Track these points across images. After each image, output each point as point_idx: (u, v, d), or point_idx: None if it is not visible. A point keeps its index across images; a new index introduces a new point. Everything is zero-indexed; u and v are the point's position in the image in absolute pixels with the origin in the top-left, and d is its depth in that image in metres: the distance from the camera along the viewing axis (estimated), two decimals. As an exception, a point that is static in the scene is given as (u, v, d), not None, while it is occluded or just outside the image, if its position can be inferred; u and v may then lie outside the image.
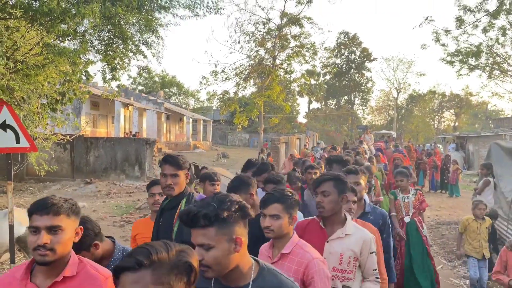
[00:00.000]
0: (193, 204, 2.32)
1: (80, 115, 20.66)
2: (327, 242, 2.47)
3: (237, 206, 1.52)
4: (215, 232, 1.47)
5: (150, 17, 8.85)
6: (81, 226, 1.90)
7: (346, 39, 50.36)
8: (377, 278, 2.56)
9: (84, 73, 8.83)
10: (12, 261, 4.99)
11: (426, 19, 13.42)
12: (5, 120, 4.85)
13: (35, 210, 1.75)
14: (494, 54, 13.81)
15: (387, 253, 3.21)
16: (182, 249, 1.24)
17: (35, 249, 1.71)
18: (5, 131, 4.86)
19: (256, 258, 1.67)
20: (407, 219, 5.17)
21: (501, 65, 14.00)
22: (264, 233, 2.24)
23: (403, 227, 5.21)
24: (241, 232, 1.54)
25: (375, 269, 2.52)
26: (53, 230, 1.73)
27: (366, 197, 3.41)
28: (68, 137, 9.97)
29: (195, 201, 2.66)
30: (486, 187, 7.92)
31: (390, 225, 3.36)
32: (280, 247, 2.21)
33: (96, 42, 9.46)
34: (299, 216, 2.89)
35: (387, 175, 9.68)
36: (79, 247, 2.01)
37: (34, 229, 1.73)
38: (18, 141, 4.87)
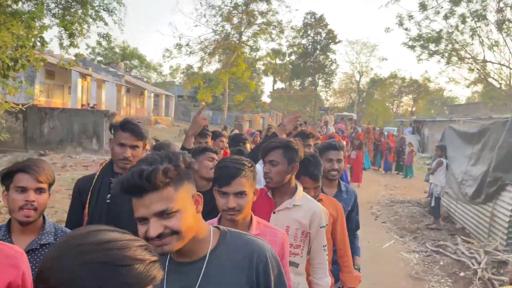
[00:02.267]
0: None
1: (34, 84, 19.59)
2: (274, 213, 2.28)
3: (189, 160, 1.25)
4: (173, 192, 1.18)
5: (112, -19, 8.43)
6: None
7: (312, 20, 50.42)
8: (326, 255, 2.39)
9: (39, 39, 8.34)
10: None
11: None
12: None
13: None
14: (453, 41, 14.32)
15: (356, 229, 3.22)
16: None
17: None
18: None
19: (219, 226, 1.41)
20: None
21: (459, 52, 14.54)
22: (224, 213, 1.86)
23: None
24: (194, 188, 1.29)
25: (325, 245, 2.34)
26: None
27: None
28: (21, 106, 9.46)
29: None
30: (439, 167, 8.28)
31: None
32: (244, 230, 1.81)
33: (52, 5, 8.93)
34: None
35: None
36: None
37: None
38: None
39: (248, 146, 4.63)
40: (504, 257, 5.44)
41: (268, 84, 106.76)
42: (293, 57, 51.54)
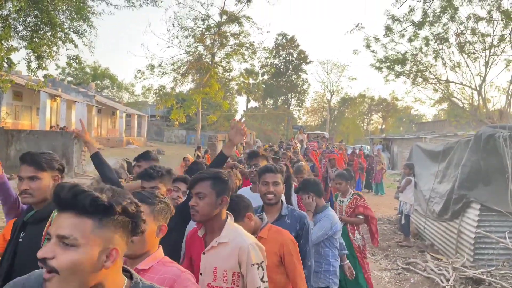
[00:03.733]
0: None
1: (1, 106, 19.08)
2: (203, 254, 2.05)
3: (135, 209, 1.12)
4: (91, 228, 1.06)
5: (82, 4, 8.40)
6: None
7: (284, 41, 51.49)
8: None
9: (6, 60, 8.20)
10: None
11: (356, 26, 14.18)
12: None
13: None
14: (418, 63, 14.93)
15: (305, 260, 2.71)
16: None
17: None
18: None
19: (132, 272, 1.26)
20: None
21: (423, 73, 15.17)
22: None
23: None
24: (121, 243, 1.12)
25: (259, 287, 1.98)
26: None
27: (283, 197, 3.03)
28: (-15, 129, 9.18)
29: None
30: (408, 185, 8.50)
31: (310, 229, 2.90)
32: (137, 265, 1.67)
33: (20, 28, 8.79)
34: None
35: (315, 176, 9.93)
36: None
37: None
38: None
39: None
40: (471, 274, 5.60)
41: (242, 103, 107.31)
42: (266, 77, 52.26)
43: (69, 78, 48.02)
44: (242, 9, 19.33)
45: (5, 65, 8.45)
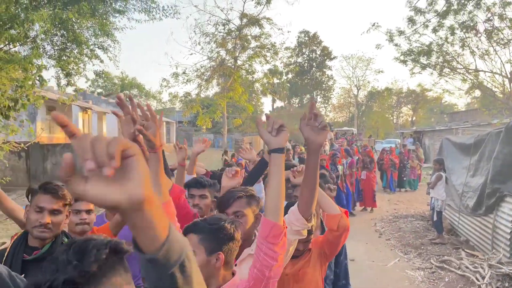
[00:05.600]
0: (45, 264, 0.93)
1: (36, 121, 19.87)
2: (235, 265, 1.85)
3: (106, 249, 0.87)
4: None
5: (104, 21, 8.67)
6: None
7: (306, 38, 51.17)
8: None
9: (37, 78, 8.55)
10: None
11: (373, 25, 13.93)
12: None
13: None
14: (444, 53, 14.51)
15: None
16: None
17: None
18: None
19: None
20: None
21: (450, 63, 14.72)
22: None
23: None
24: (120, 282, 0.90)
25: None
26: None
27: None
28: (22, 145, 9.61)
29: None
30: (439, 182, 8.30)
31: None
32: None
33: (48, 47, 9.17)
34: None
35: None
36: None
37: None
38: (-36, 155, 4.66)
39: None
40: (507, 270, 5.42)
41: (267, 104, 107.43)
42: (290, 76, 52.08)
43: (99, 90, 49.50)
44: (262, 11, 19.42)
45: (37, 82, 8.80)
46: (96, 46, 9.37)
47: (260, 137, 2.17)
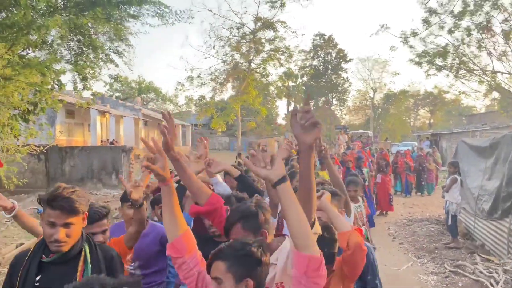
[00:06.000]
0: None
1: (55, 124, 20.34)
2: None
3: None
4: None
5: (119, 26, 8.84)
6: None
7: (321, 41, 50.97)
8: None
9: (56, 82, 8.74)
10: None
11: (382, 27, 13.81)
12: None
13: None
14: (460, 54, 14.28)
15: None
16: None
17: None
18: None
19: None
20: (365, 230, 4.53)
21: (467, 64, 14.48)
22: None
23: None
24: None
25: None
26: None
27: None
28: (41, 148, 9.84)
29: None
30: (454, 185, 8.17)
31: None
32: None
33: (65, 52, 9.39)
34: None
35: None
36: None
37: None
38: (-18, 157, 4.82)
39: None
40: (522, 275, 5.31)
41: (282, 106, 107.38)
42: (305, 78, 51.95)
43: (117, 94, 50.31)
44: (276, 14, 19.48)
45: (56, 86, 9.00)
46: (111, 50, 9.56)
47: (273, 140, 2.16)
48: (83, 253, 1.95)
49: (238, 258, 1.58)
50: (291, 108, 54.44)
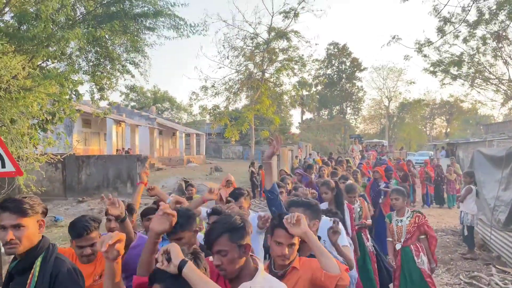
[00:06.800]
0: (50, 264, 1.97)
1: (72, 134, 20.75)
2: None
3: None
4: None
5: (136, 37, 9.04)
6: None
7: (335, 50, 51.04)
8: None
9: (74, 93, 8.94)
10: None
11: (393, 38, 13.79)
12: (-10, 146, 4.95)
13: None
14: (476, 63, 14.14)
15: None
16: None
17: None
18: (-10, 156, 4.95)
19: None
20: (398, 246, 4.61)
21: (483, 73, 14.33)
22: None
23: (398, 255, 4.66)
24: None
25: None
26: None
27: None
28: (59, 157, 10.05)
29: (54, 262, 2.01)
30: (469, 195, 8.08)
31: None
32: None
33: (83, 63, 9.62)
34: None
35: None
36: None
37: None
38: (3, 165, 4.97)
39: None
40: (539, 288, 5.20)
41: (296, 115, 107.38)
42: (319, 88, 51.96)
43: (132, 103, 51.10)
44: (290, 24, 19.64)
45: (74, 96, 9.19)
46: (128, 61, 9.76)
47: (287, 150, 2.43)
48: (34, 266, 1.97)
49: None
50: (305, 117, 54.38)
